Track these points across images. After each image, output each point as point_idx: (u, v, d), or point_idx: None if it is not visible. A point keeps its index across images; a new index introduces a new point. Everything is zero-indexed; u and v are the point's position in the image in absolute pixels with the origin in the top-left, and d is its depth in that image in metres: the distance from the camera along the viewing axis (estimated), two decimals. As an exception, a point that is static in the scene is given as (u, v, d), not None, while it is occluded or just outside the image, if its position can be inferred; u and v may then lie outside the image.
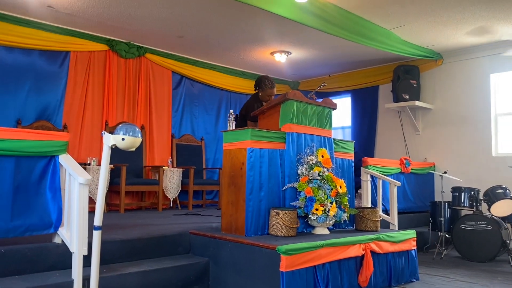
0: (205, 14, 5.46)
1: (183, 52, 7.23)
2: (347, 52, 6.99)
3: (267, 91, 4.78)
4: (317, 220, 3.77)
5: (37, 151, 2.94)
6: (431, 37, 6.23)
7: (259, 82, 4.82)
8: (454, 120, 6.93)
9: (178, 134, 7.34)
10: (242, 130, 3.81)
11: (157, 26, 5.96)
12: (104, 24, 5.90)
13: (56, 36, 5.94)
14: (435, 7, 5.14)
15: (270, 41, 6.52)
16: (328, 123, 4.37)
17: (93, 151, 6.14)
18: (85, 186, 2.83)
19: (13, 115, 5.62)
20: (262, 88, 4.79)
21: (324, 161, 4.05)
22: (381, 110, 7.87)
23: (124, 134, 2.66)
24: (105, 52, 6.49)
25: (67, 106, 6.08)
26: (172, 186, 6.46)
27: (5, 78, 5.60)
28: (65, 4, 5.23)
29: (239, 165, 3.75)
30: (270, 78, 4.86)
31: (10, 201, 2.81)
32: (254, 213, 3.67)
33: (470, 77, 6.80)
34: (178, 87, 7.44)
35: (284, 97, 4.02)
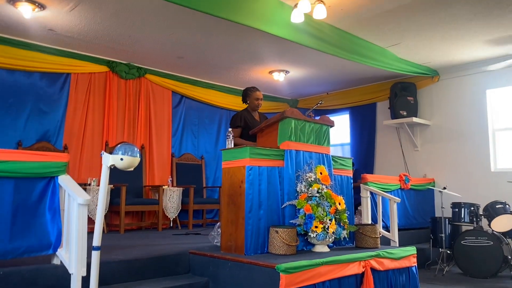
0: (204, 35, 5.55)
1: (183, 72, 7.31)
2: (345, 70, 7.07)
3: (253, 94, 4.78)
4: (316, 237, 3.76)
5: (37, 172, 2.96)
6: (427, 54, 6.31)
7: (244, 95, 4.86)
8: (452, 136, 6.96)
9: (178, 153, 7.37)
10: (240, 148, 3.84)
11: (157, 48, 6.05)
12: (105, 46, 5.99)
13: (57, 59, 6.03)
14: (429, 25, 5.22)
15: (268, 61, 6.61)
16: (326, 140, 4.40)
17: (93, 171, 6.16)
18: (84, 206, 2.84)
19: (14, 137, 5.67)
20: (248, 95, 4.80)
21: (323, 178, 4.07)
22: (379, 127, 7.92)
23: (122, 154, 2.68)
24: (105, 73, 6.57)
25: (67, 127, 6.12)
26: (172, 205, 6.45)
27: (6, 100, 5.66)
28: (66, 27, 5.32)
29: (238, 183, 3.76)
30: (251, 86, 4.90)
31: (9, 222, 2.81)
32: (254, 231, 3.66)
33: (466, 93, 6.86)
34: (178, 106, 7.50)
35: (282, 115, 4.06)
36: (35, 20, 5.07)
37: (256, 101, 4.79)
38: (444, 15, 4.93)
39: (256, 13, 4.45)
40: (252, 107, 4.82)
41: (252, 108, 4.82)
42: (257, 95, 4.79)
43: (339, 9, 4.78)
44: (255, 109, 4.83)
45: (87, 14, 4.95)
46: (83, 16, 5.01)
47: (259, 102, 4.79)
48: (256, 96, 4.78)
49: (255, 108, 4.81)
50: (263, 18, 4.54)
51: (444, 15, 4.93)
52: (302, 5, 4.36)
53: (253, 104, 4.80)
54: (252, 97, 4.79)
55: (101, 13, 4.90)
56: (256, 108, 4.82)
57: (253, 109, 4.82)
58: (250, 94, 4.80)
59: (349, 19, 5.05)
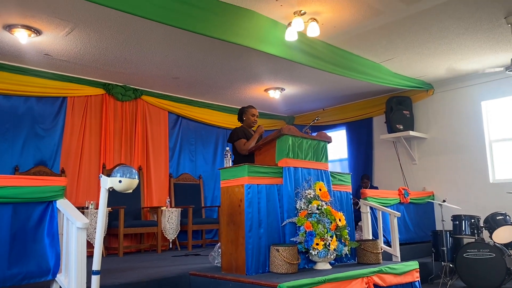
0: (199, 55, 5.60)
1: (179, 93, 7.35)
2: (340, 86, 7.13)
3: (249, 111, 4.75)
4: (318, 255, 3.73)
5: (35, 197, 2.95)
6: (420, 68, 6.38)
7: (240, 113, 4.85)
8: (449, 149, 6.99)
9: (176, 174, 7.35)
10: (238, 166, 3.83)
11: (152, 69, 6.10)
12: (100, 69, 6.03)
13: (53, 83, 6.05)
14: (422, 40, 5.30)
15: (263, 79, 6.66)
16: (324, 156, 4.40)
17: (90, 194, 6.12)
18: (83, 230, 2.82)
19: (11, 162, 5.65)
20: (244, 112, 4.79)
21: (322, 194, 4.05)
22: (376, 141, 7.94)
23: (121, 176, 2.67)
24: (101, 96, 6.59)
25: (64, 151, 6.11)
26: (171, 226, 6.40)
27: (3, 125, 5.66)
28: (62, 51, 5.36)
29: (237, 202, 3.74)
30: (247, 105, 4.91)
31: (7, 249, 2.78)
32: (254, 250, 3.63)
33: (462, 106, 6.91)
34: (174, 127, 7.52)
35: (279, 132, 4.07)
36: (31, 45, 5.10)
37: (252, 117, 4.76)
38: (435, 30, 5.01)
39: (251, 33, 4.50)
40: (248, 123, 4.79)
41: (247, 124, 4.80)
42: (253, 112, 4.79)
43: (332, 27, 4.85)
44: (251, 126, 4.81)
45: (82, 38, 5.00)
46: (78, 40, 5.05)
47: (255, 118, 4.78)
48: (252, 112, 4.77)
49: (251, 124, 4.80)
50: (258, 38, 4.60)
51: (435, 30, 5.01)
52: (295, 24, 4.42)
53: (249, 120, 4.77)
54: (248, 113, 4.77)
55: (97, 36, 4.95)
56: (252, 125, 4.81)
57: (249, 126, 4.81)
58: (246, 110, 4.79)
59: (342, 36, 5.11)
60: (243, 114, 4.83)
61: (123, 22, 4.56)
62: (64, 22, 4.56)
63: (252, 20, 4.45)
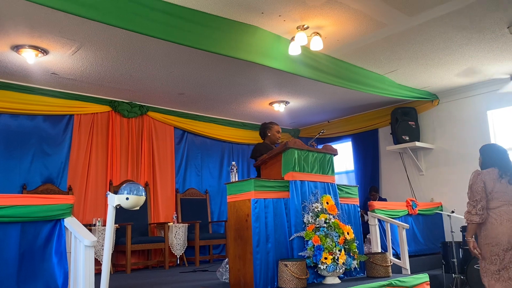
0: (204, 71, 5.65)
1: (184, 108, 7.39)
2: (344, 98, 7.14)
3: (274, 128, 4.84)
4: (326, 269, 3.70)
5: (43, 215, 2.96)
6: (424, 79, 6.39)
7: (263, 129, 4.89)
8: (456, 159, 6.94)
9: (182, 189, 7.35)
10: (245, 181, 3.83)
11: (158, 85, 6.15)
12: (107, 86, 6.09)
13: (59, 101, 6.11)
14: (425, 51, 5.31)
15: (268, 92, 6.69)
16: (330, 169, 4.39)
17: (98, 211, 6.13)
18: (91, 248, 2.83)
19: (19, 180, 5.68)
20: (269, 128, 4.84)
21: (330, 207, 4.03)
22: (382, 152, 7.92)
23: (128, 194, 2.68)
24: (108, 113, 6.64)
25: (71, 168, 6.14)
26: (178, 242, 6.38)
27: (11, 144, 5.71)
28: (68, 70, 5.43)
29: (244, 217, 3.74)
30: (269, 121, 5.00)
31: (15, 268, 2.79)
32: (262, 266, 3.61)
33: (467, 116, 6.89)
34: (180, 142, 7.54)
35: (285, 146, 4.08)
36: (38, 65, 5.17)
37: (277, 134, 4.83)
38: (438, 41, 5.02)
39: (255, 48, 4.54)
40: (273, 140, 4.83)
41: (272, 141, 4.83)
42: (278, 128, 4.86)
43: (335, 40, 4.88)
44: (275, 142, 4.84)
45: (88, 57, 5.06)
46: (85, 59, 5.12)
47: (279, 135, 4.85)
48: (277, 129, 4.85)
49: (276, 141, 4.84)
50: (262, 52, 4.63)
51: (438, 41, 5.02)
52: (299, 38, 4.46)
53: (274, 137, 4.82)
54: (273, 129, 4.83)
55: (102, 55, 5.01)
56: (277, 141, 4.84)
57: (273, 143, 4.84)
58: (271, 127, 4.85)
59: (345, 49, 5.14)
60: (266, 130, 4.87)
61: (129, 40, 4.62)
62: (71, 41, 4.62)
63: (256, 36, 4.50)
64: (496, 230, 3.20)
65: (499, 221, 3.21)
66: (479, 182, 3.30)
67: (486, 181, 3.29)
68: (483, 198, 3.24)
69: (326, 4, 4.07)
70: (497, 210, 3.25)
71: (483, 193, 3.25)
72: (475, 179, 3.34)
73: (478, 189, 3.28)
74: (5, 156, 5.65)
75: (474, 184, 3.32)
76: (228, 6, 4.01)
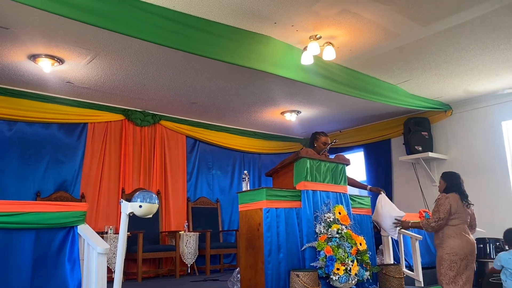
0: (216, 80, 5.68)
1: (196, 117, 7.44)
2: (356, 108, 7.12)
3: (321, 139, 4.85)
4: (339, 280, 3.66)
5: (56, 222, 2.98)
6: (438, 89, 6.35)
7: (311, 139, 4.97)
8: (470, 170, 6.84)
9: (194, 197, 7.36)
10: (257, 190, 3.83)
11: (171, 95, 6.20)
12: (120, 95, 6.16)
13: (74, 109, 6.20)
14: (438, 61, 5.28)
15: (279, 102, 6.70)
16: (343, 179, 4.38)
17: (110, 219, 6.17)
18: (104, 255, 2.84)
19: (33, 187, 5.75)
20: (316, 139, 4.88)
21: (342, 218, 4.01)
22: (395, 163, 7.85)
23: (141, 202, 2.70)
24: (121, 121, 6.71)
25: (84, 176, 6.20)
26: (189, 251, 6.37)
27: (26, 152, 5.80)
28: (83, 79, 5.51)
29: (255, 226, 3.73)
30: (321, 131, 5.05)
31: (29, 275, 2.80)
32: (274, 276, 3.59)
33: (481, 126, 6.81)
34: (192, 151, 7.58)
35: (297, 155, 4.07)
36: (54, 74, 5.26)
37: (323, 146, 4.83)
38: (452, 51, 5.00)
39: (267, 58, 4.56)
40: (318, 150, 4.79)
41: (317, 151, 4.78)
42: (324, 140, 4.87)
43: (348, 50, 4.88)
44: (320, 153, 4.77)
45: (103, 66, 5.13)
46: (99, 68, 5.19)
47: (326, 147, 4.84)
48: (323, 141, 4.86)
49: (320, 152, 4.79)
50: (274, 62, 4.66)
51: (452, 51, 5.00)
52: (311, 48, 4.47)
53: (319, 148, 4.81)
54: (319, 141, 4.85)
55: (117, 64, 5.08)
56: (320, 152, 4.79)
57: (318, 152, 4.77)
58: (318, 138, 4.88)
59: (358, 59, 5.14)
60: (314, 141, 4.91)
61: (142, 50, 4.68)
62: (86, 51, 4.70)
63: (268, 45, 4.52)
64: (455, 242, 3.87)
65: (458, 235, 3.89)
66: (446, 205, 3.93)
67: (452, 204, 3.95)
68: (445, 218, 3.91)
69: (339, 14, 4.08)
70: (457, 227, 3.93)
71: (447, 214, 3.91)
72: (444, 201, 3.96)
73: (445, 210, 3.91)
74: (20, 163, 5.73)
75: (442, 206, 3.94)
76: (242, 16, 4.05)
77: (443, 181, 4.17)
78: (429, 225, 3.96)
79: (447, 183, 4.14)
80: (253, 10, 3.96)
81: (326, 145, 4.84)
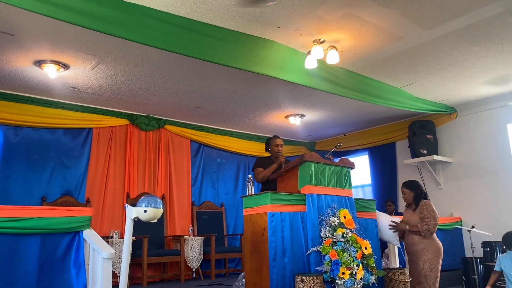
0: (221, 85, 5.70)
1: (201, 121, 7.46)
2: (360, 111, 7.11)
3: (273, 142, 4.80)
4: (344, 284, 3.64)
5: (62, 227, 3.00)
6: (442, 92, 6.33)
7: (266, 144, 4.93)
8: (476, 172, 6.81)
9: (198, 202, 7.37)
10: (261, 194, 3.83)
11: (175, 99, 6.22)
12: (125, 100, 6.19)
13: (79, 115, 6.23)
14: (442, 64, 5.27)
15: (283, 106, 6.71)
16: (348, 182, 4.36)
17: (115, 223, 6.18)
18: (109, 260, 2.84)
19: (39, 192, 5.79)
20: (269, 144, 4.85)
21: (347, 222, 3.99)
22: (400, 166, 7.82)
23: (146, 206, 2.71)
24: (126, 126, 6.74)
25: (89, 181, 6.23)
26: (194, 255, 6.37)
27: (32, 157, 5.84)
28: (88, 84, 5.54)
29: (260, 230, 3.72)
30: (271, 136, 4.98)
31: (35, 280, 2.82)
32: (279, 280, 3.57)
33: (486, 129, 6.78)
34: (196, 155, 7.59)
35: (301, 159, 4.07)
36: (59, 79, 5.30)
37: (275, 148, 4.77)
38: (456, 53, 4.98)
39: (271, 62, 4.57)
40: (273, 153, 4.81)
41: (273, 155, 4.81)
42: (276, 142, 4.81)
43: (352, 54, 4.88)
44: (277, 156, 4.76)
45: (108, 71, 5.16)
46: (104, 73, 5.22)
47: (278, 148, 4.78)
48: (276, 143, 4.80)
49: (276, 154, 4.77)
50: (278, 66, 4.66)
51: (456, 53, 4.98)
52: (315, 52, 4.47)
53: (273, 151, 4.79)
54: (272, 144, 4.82)
55: (122, 69, 5.11)
56: (277, 155, 4.77)
57: (275, 157, 4.78)
58: (271, 141, 4.86)
59: (362, 62, 5.14)
60: (268, 146, 4.90)
61: (147, 55, 4.70)
62: (91, 56, 4.73)
63: (272, 50, 4.53)
64: (439, 244, 4.15)
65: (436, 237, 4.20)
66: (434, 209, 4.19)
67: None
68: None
69: (343, 18, 4.09)
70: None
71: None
72: (432, 207, 4.19)
73: (437, 214, 4.17)
74: (26, 168, 5.77)
75: (433, 211, 4.16)
76: (246, 21, 4.06)
77: (410, 191, 4.35)
78: (429, 231, 4.08)
79: (416, 191, 4.33)
80: (256, 15, 3.97)
81: (278, 146, 4.76)
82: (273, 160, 4.78)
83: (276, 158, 4.75)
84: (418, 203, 4.28)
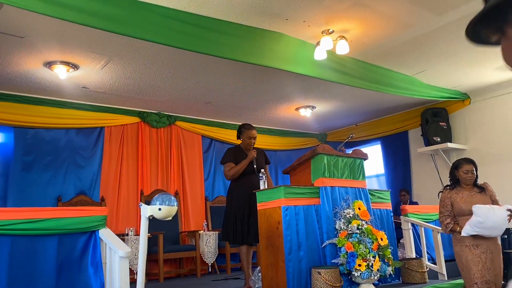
0: (230, 79, 5.68)
1: (211, 116, 7.45)
2: (372, 101, 7.04)
3: (246, 134, 4.39)
4: (361, 276, 3.63)
5: (79, 227, 3.02)
6: (455, 79, 6.22)
7: (238, 131, 4.51)
8: (491, 159, 6.71)
9: (212, 197, 7.39)
10: (275, 188, 3.82)
11: (185, 95, 6.22)
12: (135, 98, 6.21)
13: (90, 114, 6.27)
14: (454, 50, 5.18)
15: (294, 98, 6.67)
16: (361, 174, 4.33)
17: (130, 221, 6.23)
18: (126, 259, 2.86)
19: (54, 192, 5.85)
20: (241, 133, 4.44)
21: (362, 213, 3.97)
22: (413, 155, 7.74)
23: (160, 204, 2.71)
24: (137, 124, 6.77)
25: (103, 179, 6.28)
26: (209, 250, 6.40)
27: (45, 157, 5.89)
28: (98, 83, 5.56)
29: (275, 224, 3.72)
30: (246, 123, 4.57)
31: (54, 280, 2.85)
32: (295, 274, 3.57)
33: (500, 114, 6.66)
34: (208, 150, 7.60)
35: (314, 152, 4.04)
36: (69, 80, 5.32)
37: (248, 140, 4.38)
38: (469, 39, 4.88)
39: (280, 55, 4.54)
40: (244, 146, 4.44)
41: (244, 146, 4.45)
42: (250, 134, 4.38)
43: (361, 43, 4.82)
44: (248, 148, 4.41)
45: (117, 70, 5.17)
46: (114, 72, 5.23)
47: (251, 141, 4.38)
48: (249, 135, 4.38)
49: (247, 147, 4.41)
50: (287, 59, 4.62)
51: (469, 39, 4.88)
52: (324, 43, 4.42)
53: (245, 143, 4.41)
54: (245, 135, 4.40)
55: (131, 68, 5.11)
56: (248, 148, 4.40)
57: (246, 148, 4.43)
58: (243, 132, 4.41)
59: (371, 51, 5.07)
60: (240, 134, 4.46)
61: (155, 52, 4.70)
62: (100, 56, 4.74)
63: (281, 42, 4.49)
64: None
65: None
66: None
67: None
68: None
69: (351, 7, 4.03)
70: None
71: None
72: None
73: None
74: (41, 169, 5.83)
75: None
76: (253, 14, 4.03)
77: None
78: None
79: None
80: (264, 8, 3.93)
81: (251, 139, 4.34)
82: (243, 151, 4.43)
83: (247, 151, 4.40)
84: (477, 184, 3.90)
